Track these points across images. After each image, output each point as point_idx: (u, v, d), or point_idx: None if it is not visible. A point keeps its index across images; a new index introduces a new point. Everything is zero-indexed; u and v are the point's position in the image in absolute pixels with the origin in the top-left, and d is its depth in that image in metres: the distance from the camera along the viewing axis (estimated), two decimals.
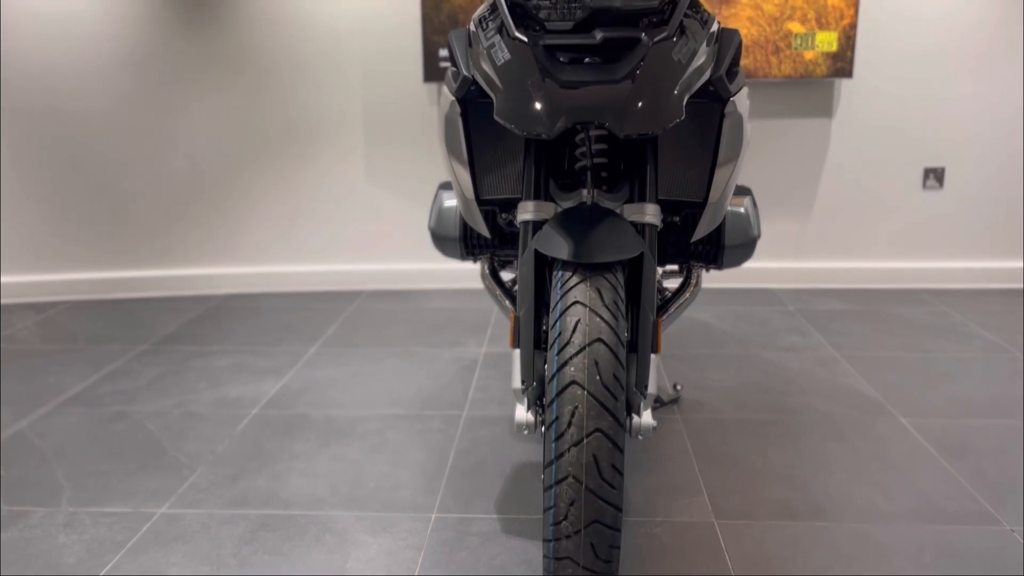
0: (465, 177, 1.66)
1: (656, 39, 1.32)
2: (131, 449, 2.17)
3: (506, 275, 2.19)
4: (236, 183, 3.77)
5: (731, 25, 3.55)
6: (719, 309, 3.46)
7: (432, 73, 3.58)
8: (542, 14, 1.38)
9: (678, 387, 2.52)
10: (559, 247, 1.38)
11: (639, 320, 1.44)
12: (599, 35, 1.35)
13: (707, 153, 1.60)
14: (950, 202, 3.71)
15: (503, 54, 1.35)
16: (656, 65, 1.30)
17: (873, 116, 3.65)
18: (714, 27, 1.47)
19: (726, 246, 1.83)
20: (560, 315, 1.30)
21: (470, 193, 1.67)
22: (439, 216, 1.97)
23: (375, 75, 3.67)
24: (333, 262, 3.87)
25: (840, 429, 2.25)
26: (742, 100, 1.54)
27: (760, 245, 3.77)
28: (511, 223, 1.75)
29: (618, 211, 1.55)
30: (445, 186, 2.06)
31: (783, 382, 2.61)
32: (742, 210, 1.86)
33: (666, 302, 1.83)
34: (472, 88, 1.48)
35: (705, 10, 1.50)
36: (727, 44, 1.50)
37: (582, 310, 1.28)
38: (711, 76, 1.42)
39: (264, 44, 3.63)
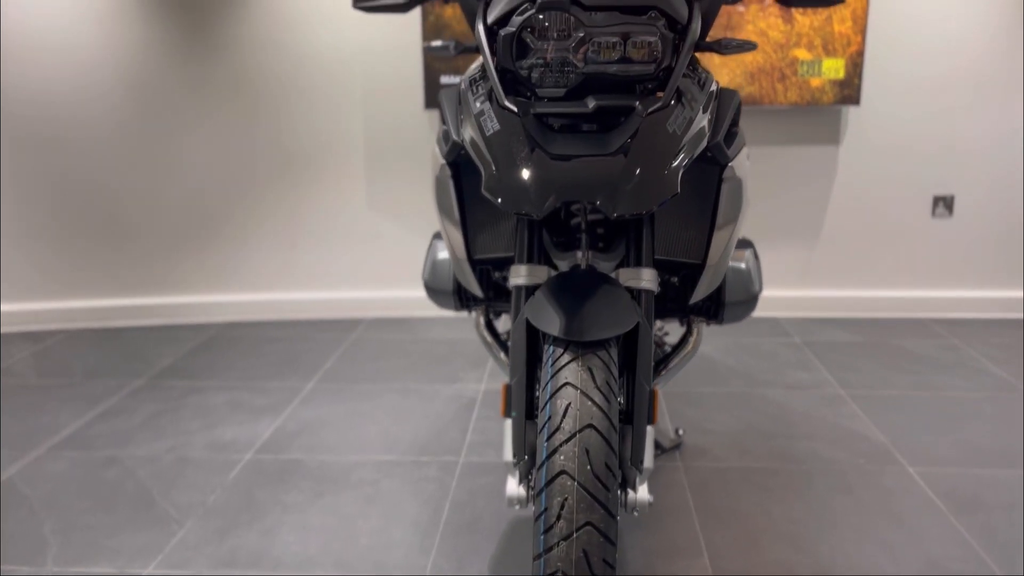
0: (457, 237, 1.62)
1: (651, 109, 1.27)
2: (121, 499, 2.13)
3: (503, 323, 2.15)
4: (236, 210, 3.74)
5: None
6: (723, 341, 3.40)
7: (433, 100, 3.54)
8: (534, 77, 1.34)
9: (680, 432, 2.47)
10: (550, 321, 1.33)
11: (634, 391, 1.39)
12: (592, 103, 1.30)
13: (705, 214, 1.55)
14: (960, 230, 3.65)
15: (492, 123, 1.31)
16: (650, 138, 1.25)
17: (881, 143, 3.58)
18: (712, 87, 1.42)
19: (727, 303, 1.78)
20: (550, 397, 1.26)
21: (462, 253, 1.63)
22: (433, 268, 1.93)
23: (376, 101, 3.64)
24: (334, 290, 3.83)
25: (846, 480, 2.19)
26: (741, 163, 1.49)
27: (766, 273, 3.72)
28: (506, 279, 1.70)
29: (613, 275, 1.51)
30: (439, 236, 2.02)
31: (788, 425, 2.55)
32: (743, 266, 1.81)
33: (664, 358, 1.79)
34: (462, 152, 1.44)
35: (703, 69, 1.45)
36: (726, 106, 1.45)
37: (573, 393, 1.23)
38: (709, 143, 1.37)
39: (264, 70, 3.60)
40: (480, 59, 1.48)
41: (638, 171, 1.22)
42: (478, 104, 1.37)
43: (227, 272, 3.79)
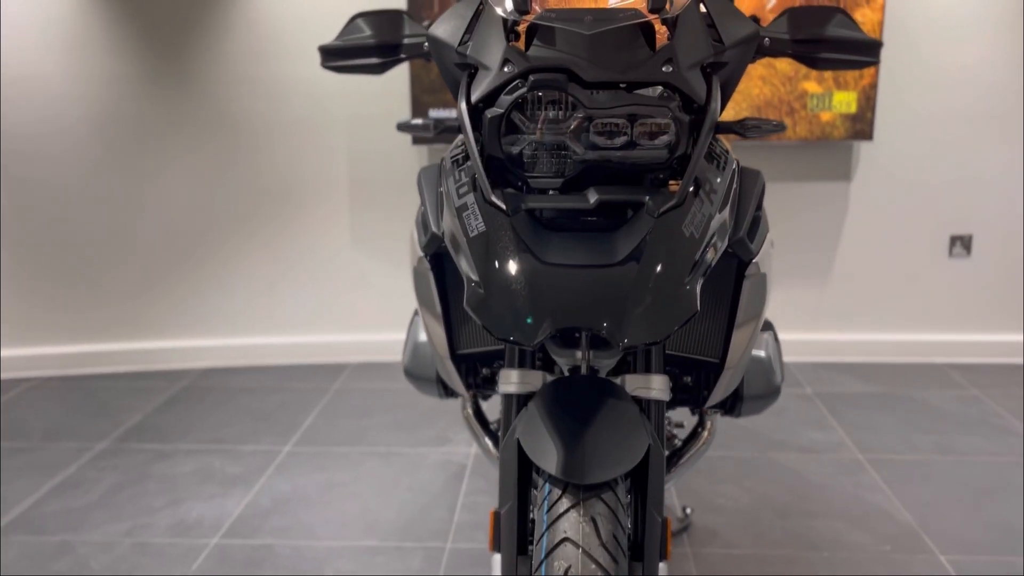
0: (439, 332, 1.41)
1: (663, 208, 1.06)
2: None
3: (492, 405, 1.95)
4: (211, 249, 3.52)
5: (742, 84, 3.30)
6: None
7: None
8: (526, 162, 1.13)
9: (688, 511, 2.26)
10: (546, 453, 1.13)
11: (645, 522, 1.18)
12: (593, 197, 1.10)
13: (723, 306, 1.35)
14: (978, 271, 3.45)
15: (476, 222, 1.10)
16: (663, 244, 1.04)
17: (895, 180, 3.39)
18: (733, 168, 1.22)
19: (745, 397, 1.57)
20: (546, 555, 1.05)
21: (444, 350, 1.42)
22: (414, 353, 1.72)
23: (361, 136, 3.43)
24: (316, 333, 3.62)
25: (873, 572, 1.98)
26: (766, 255, 1.29)
27: (775, 315, 3.52)
28: (494, 375, 1.50)
29: (619, 381, 1.30)
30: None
31: (804, 499, 2.35)
32: (763, 354, 1.60)
33: (675, 452, 1.58)
34: (443, 245, 1.23)
35: (722, 145, 1.25)
36: (749, 192, 1.25)
37: (573, 553, 1.03)
38: (730, 240, 1.17)
39: (243, 105, 3.39)
40: (459, 138, 1.28)
41: (650, 288, 1.02)
42: (460, 195, 1.16)
43: (202, 315, 3.58)
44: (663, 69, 1.11)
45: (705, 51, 1.16)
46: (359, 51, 1.49)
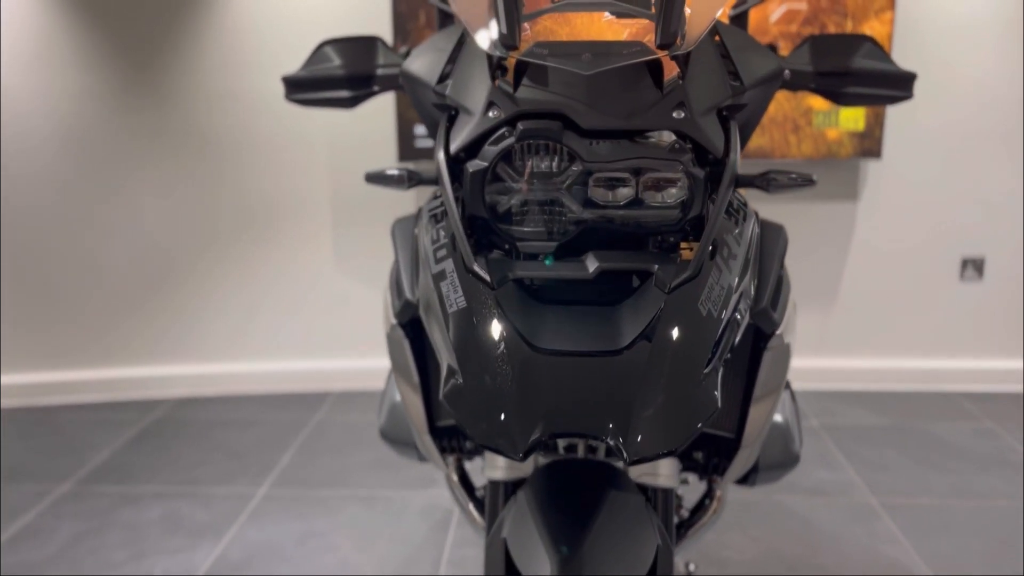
0: (416, 404, 1.24)
1: (676, 281, 0.90)
2: None
3: (479, 469, 1.78)
4: (187, 273, 3.35)
5: None
6: None
7: (407, 152, 3.16)
8: (514, 220, 0.97)
9: (691, 567, 2.09)
10: (536, 559, 0.97)
11: None
12: (593, 265, 0.93)
13: (739, 377, 1.19)
14: (991, 295, 3.30)
15: (456, 295, 0.93)
16: (676, 325, 0.87)
17: (904, 200, 3.23)
18: (753, 226, 1.06)
19: (761, 467, 1.40)
20: None
21: (422, 424, 1.25)
22: (391, 414, 1.55)
23: (344, 154, 3.26)
24: (297, 359, 3.44)
25: None
26: (789, 322, 1.12)
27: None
28: (478, 452, 1.33)
29: (620, 466, 1.14)
30: None
31: (815, 550, 2.19)
32: (781, 419, 1.43)
33: (681, 524, 1.42)
34: (419, 314, 1.06)
35: (739, 196, 1.08)
36: (771, 251, 1.09)
37: None
38: (752, 312, 1.01)
39: (219, 120, 3.22)
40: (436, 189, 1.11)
41: (662, 384, 0.85)
42: (438, 258, 0.99)
43: (177, 341, 3.40)
44: (673, 115, 0.95)
45: (722, 93, 1.00)
46: (327, 83, 1.33)
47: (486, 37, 0.97)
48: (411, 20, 3.09)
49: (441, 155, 0.99)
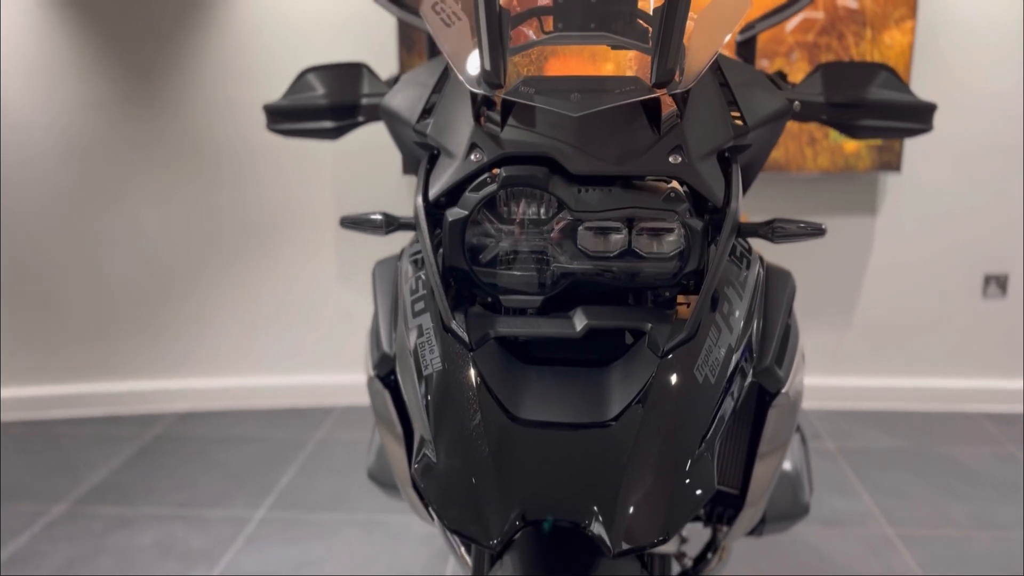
0: (399, 456, 1.16)
1: (670, 344, 0.82)
2: None
3: None
4: (189, 285, 3.30)
5: None
6: None
7: (412, 165, 3.08)
8: (498, 269, 0.90)
9: None
10: None
11: None
12: (581, 323, 0.86)
13: (743, 430, 1.11)
14: (1015, 313, 3.19)
15: (432, 356, 0.86)
16: (670, 400, 0.80)
17: (924, 215, 3.13)
18: (757, 272, 0.98)
19: (768, 518, 1.32)
20: None
21: (405, 477, 1.17)
22: (379, 455, 1.48)
23: (348, 165, 3.20)
24: (300, 374, 3.38)
25: None
26: (797, 377, 1.04)
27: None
28: None
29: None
30: None
31: None
32: (790, 467, 1.35)
33: (682, 574, 1.34)
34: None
35: (745, 243, 1.00)
36: (776, 301, 1.01)
37: None
38: (755, 371, 0.93)
39: (221, 130, 3.16)
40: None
41: (653, 463, 0.77)
42: (416, 311, 0.92)
43: (178, 355, 3.35)
44: (670, 159, 0.87)
45: (723, 134, 0.92)
46: (309, 113, 1.26)
47: (470, 73, 0.90)
48: (416, 28, 3.01)
49: (420, 200, 0.92)
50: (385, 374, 1.03)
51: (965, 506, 2.51)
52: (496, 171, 0.88)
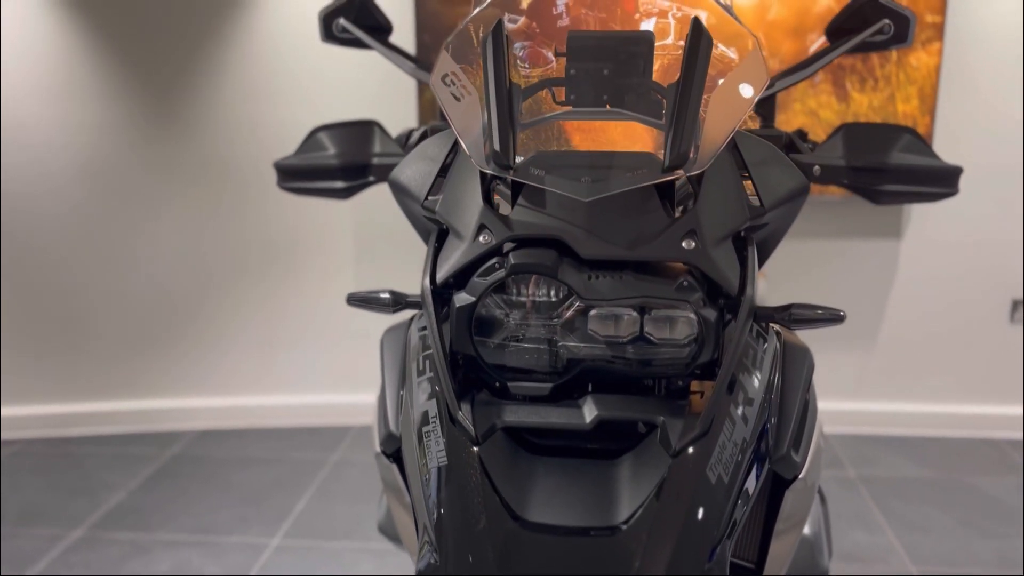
0: (408, 526, 1.14)
1: (683, 443, 0.80)
2: None
3: None
4: (208, 305, 3.31)
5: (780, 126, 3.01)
6: None
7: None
8: (506, 353, 0.88)
9: None
10: None
11: None
12: (591, 414, 0.84)
13: (760, 506, 1.08)
14: None
15: (437, 449, 0.84)
16: (682, 501, 0.77)
17: (950, 239, 3.07)
18: (775, 350, 0.95)
19: None
20: None
21: (414, 547, 1.16)
22: (388, 512, 1.46)
23: (370, 187, 3.18)
24: (318, 393, 3.39)
25: None
26: (815, 460, 1.01)
27: (815, 381, 3.21)
28: None
29: None
30: None
31: None
32: (808, 530, 1.32)
33: None
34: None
35: (766, 322, 0.94)
36: (794, 381, 0.97)
37: None
38: (771, 460, 0.90)
39: (239, 151, 3.17)
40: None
41: (662, 571, 0.75)
42: (423, 394, 0.91)
43: (198, 374, 3.37)
44: (683, 244, 0.85)
45: (739, 216, 0.89)
46: (320, 172, 1.25)
47: (479, 152, 0.88)
48: (435, 51, 3.00)
49: (427, 282, 0.90)
50: (392, 452, 1.01)
51: (991, 543, 2.45)
52: (506, 246, 0.86)
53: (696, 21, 0.85)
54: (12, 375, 3.30)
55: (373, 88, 3.09)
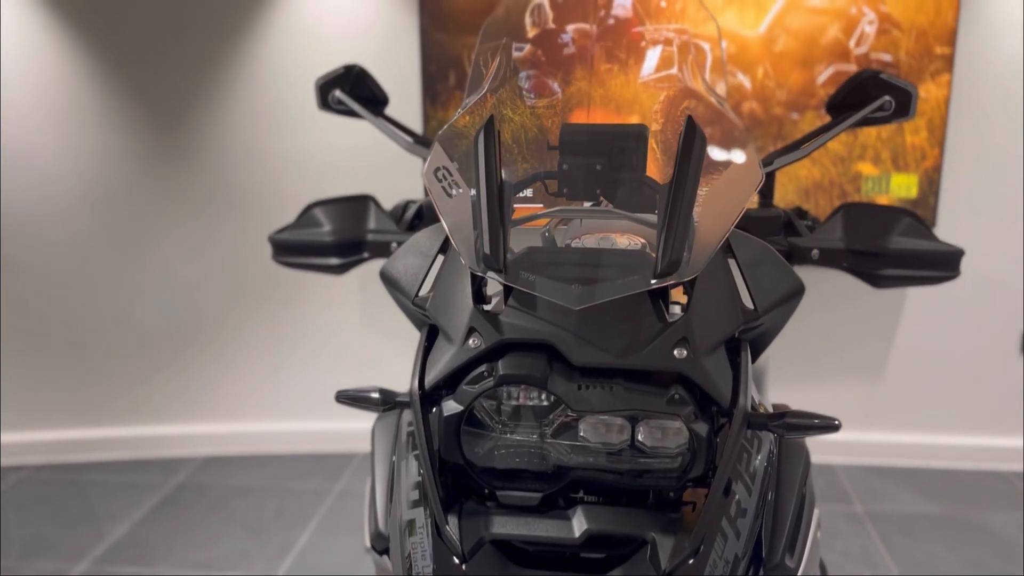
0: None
1: (672, 564, 0.78)
2: None
3: None
4: (213, 332, 3.31)
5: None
6: None
7: (434, 211, 3.07)
8: (495, 460, 0.86)
9: None
10: None
11: None
12: (580, 527, 0.83)
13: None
14: None
15: (424, 563, 0.83)
16: None
17: (961, 270, 3.02)
18: (769, 453, 0.93)
19: None
20: None
21: None
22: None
23: None
24: (322, 419, 3.38)
25: None
26: (812, 558, 0.99)
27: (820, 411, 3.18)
28: None
29: None
30: None
31: None
32: None
33: None
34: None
35: (763, 425, 0.91)
36: (789, 484, 0.95)
37: None
38: (766, 568, 0.88)
39: (244, 178, 3.17)
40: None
41: None
42: (412, 502, 0.90)
43: (203, 400, 3.37)
44: (675, 353, 0.83)
45: (731, 321, 0.88)
46: (315, 249, 1.25)
47: (470, 252, 0.87)
48: (440, 81, 2.99)
49: (415, 386, 0.89)
50: (382, 550, 1.00)
51: None
52: (496, 347, 0.85)
53: (690, 120, 0.84)
54: (18, 401, 3.31)
55: None
